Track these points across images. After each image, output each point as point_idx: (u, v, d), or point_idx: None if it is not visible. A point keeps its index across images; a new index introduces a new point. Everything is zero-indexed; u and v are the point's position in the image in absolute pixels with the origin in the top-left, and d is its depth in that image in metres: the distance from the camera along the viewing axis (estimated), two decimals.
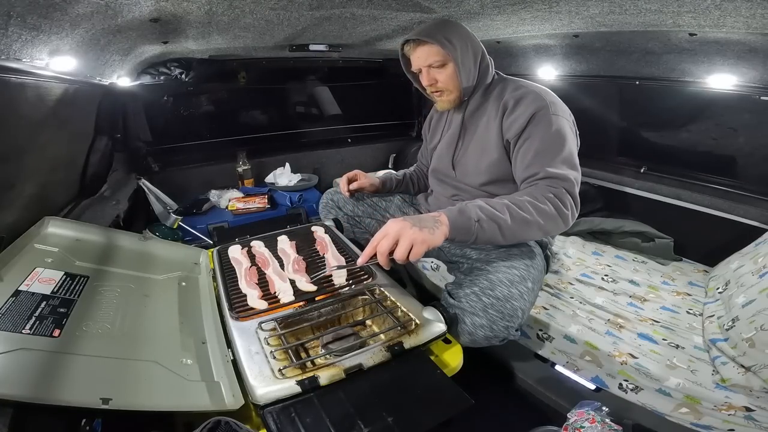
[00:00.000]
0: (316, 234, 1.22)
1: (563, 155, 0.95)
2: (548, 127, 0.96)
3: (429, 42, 1.03)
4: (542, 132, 0.97)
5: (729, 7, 0.97)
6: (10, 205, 0.95)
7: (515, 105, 1.02)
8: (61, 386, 0.57)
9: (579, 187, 0.94)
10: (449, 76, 1.07)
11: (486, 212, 0.84)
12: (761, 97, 1.37)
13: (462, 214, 0.83)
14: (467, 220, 0.83)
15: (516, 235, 0.87)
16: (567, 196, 0.90)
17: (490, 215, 0.84)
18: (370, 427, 0.63)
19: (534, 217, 0.86)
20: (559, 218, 0.89)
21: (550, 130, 0.96)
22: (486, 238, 0.85)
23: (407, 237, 0.76)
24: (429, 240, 0.78)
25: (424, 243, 0.77)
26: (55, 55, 0.95)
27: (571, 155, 0.96)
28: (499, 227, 0.84)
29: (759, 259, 1.13)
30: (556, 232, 0.94)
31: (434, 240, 0.79)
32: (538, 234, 0.89)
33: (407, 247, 0.76)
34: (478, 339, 0.89)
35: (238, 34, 1.53)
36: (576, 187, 0.93)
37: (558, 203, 0.89)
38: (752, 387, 0.86)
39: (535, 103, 0.99)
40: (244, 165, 2.19)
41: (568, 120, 1.01)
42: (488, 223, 0.84)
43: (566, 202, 0.90)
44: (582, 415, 0.84)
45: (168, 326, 0.86)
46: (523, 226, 0.86)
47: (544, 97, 1.00)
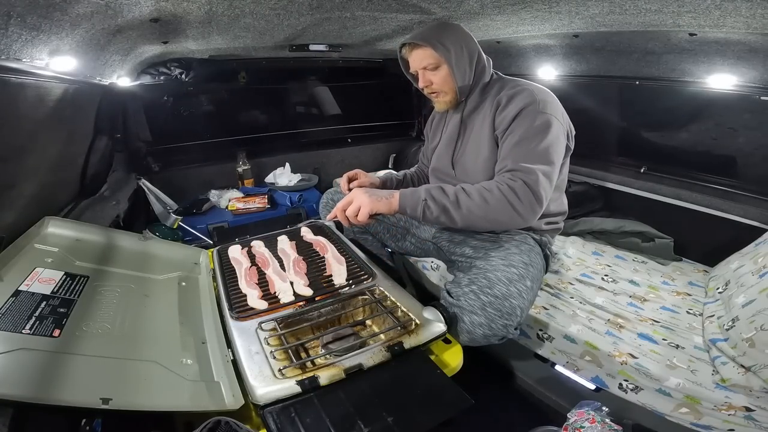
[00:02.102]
0: (306, 237, 1.21)
1: (538, 149, 0.95)
2: (531, 122, 0.97)
3: (423, 45, 1.05)
4: (524, 127, 0.98)
5: (729, 7, 0.97)
6: (10, 205, 0.95)
7: (507, 102, 1.03)
8: (61, 386, 0.57)
9: (550, 183, 0.94)
10: (443, 78, 1.08)
11: (435, 194, 0.94)
12: (761, 97, 1.37)
13: (413, 193, 0.96)
14: (417, 199, 0.95)
15: (463, 220, 0.93)
16: (524, 188, 0.90)
17: (437, 197, 0.94)
18: (370, 427, 0.63)
19: (479, 204, 0.91)
20: (510, 209, 0.90)
21: (533, 124, 0.97)
22: (434, 218, 0.94)
23: (357, 200, 0.96)
24: (373, 205, 0.95)
25: (367, 206, 0.94)
26: (55, 55, 0.95)
27: (546, 150, 0.95)
28: (444, 209, 0.93)
29: (759, 259, 1.13)
30: (510, 224, 0.94)
31: (378, 206, 0.95)
32: (485, 224, 0.94)
33: (356, 208, 0.95)
34: (477, 337, 0.89)
35: (238, 34, 1.53)
36: (540, 180, 0.91)
37: (512, 194, 0.90)
38: (752, 387, 0.86)
39: (524, 100, 1.00)
40: (244, 165, 2.19)
41: (558, 119, 1.00)
42: (434, 203, 0.93)
43: (520, 193, 0.90)
44: (582, 415, 0.84)
45: (168, 326, 0.86)
46: (468, 213, 0.92)
47: (536, 94, 1.01)
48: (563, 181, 1.16)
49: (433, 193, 0.94)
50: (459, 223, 0.94)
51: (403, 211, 0.96)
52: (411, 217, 0.99)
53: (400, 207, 0.96)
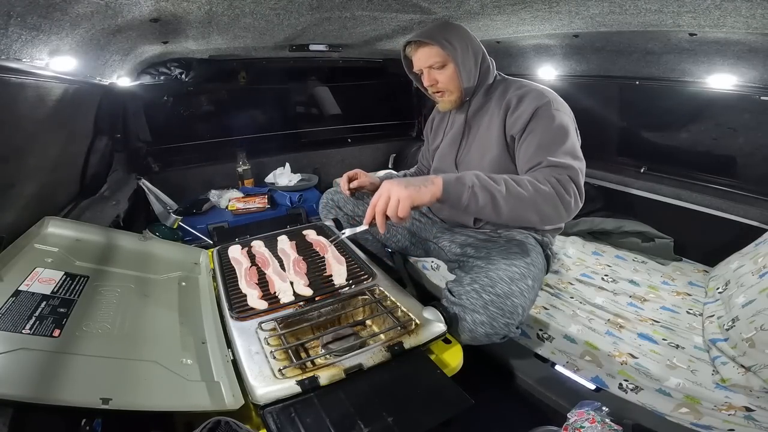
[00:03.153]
0: (309, 237, 1.22)
1: (566, 147, 0.94)
2: (550, 121, 0.97)
3: (429, 43, 1.05)
4: (544, 126, 0.97)
5: (729, 7, 0.97)
6: (10, 205, 0.95)
7: (518, 102, 1.03)
8: (61, 386, 0.57)
9: (584, 178, 0.92)
10: (449, 77, 1.08)
11: (482, 180, 0.85)
12: (761, 97, 1.37)
13: (458, 180, 0.84)
14: (461, 186, 0.84)
15: (511, 211, 0.84)
16: (570, 182, 0.88)
17: (485, 184, 0.84)
18: (370, 427, 0.63)
19: (531, 194, 0.84)
20: (559, 203, 0.86)
21: (553, 124, 0.97)
22: (478, 208, 0.84)
23: (394, 194, 0.82)
24: (413, 196, 0.81)
25: (408, 198, 0.81)
26: (55, 55, 0.95)
27: (573, 147, 0.95)
28: (492, 198, 0.83)
29: (759, 259, 1.13)
30: (556, 218, 0.89)
31: (419, 196, 0.82)
32: (534, 216, 0.86)
33: (395, 203, 0.81)
34: (479, 336, 0.89)
35: (238, 34, 1.53)
36: (580, 176, 0.91)
37: (560, 188, 0.87)
38: (752, 387, 0.86)
39: (537, 100, 1.00)
40: (244, 165, 2.19)
41: (570, 116, 1.02)
42: (482, 190, 0.83)
43: (569, 188, 0.87)
44: (582, 415, 0.84)
45: (168, 326, 0.86)
46: (518, 202, 0.84)
47: (546, 94, 1.02)
48: None
49: (481, 180, 0.85)
50: (504, 215, 0.85)
51: (446, 198, 0.84)
52: (451, 206, 0.87)
53: (443, 195, 0.84)
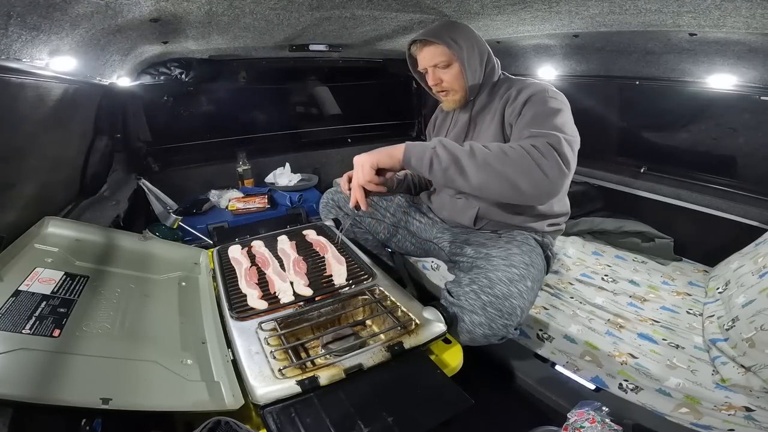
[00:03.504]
0: (309, 237, 1.22)
1: (555, 122, 0.91)
2: (542, 105, 0.97)
3: (435, 42, 1.05)
4: (535, 109, 0.97)
5: (729, 7, 0.97)
6: (10, 205, 0.95)
7: (517, 95, 1.03)
8: (61, 386, 0.57)
9: (573, 151, 0.87)
10: (454, 76, 1.08)
11: (445, 142, 0.86)
12: (761, 97, 1.37)
13: (422, 143, 0.88)
14: (423, 147, 0.86)
15: (479, 172, 0.82)
16: (549, 147, 0.83)
17: (448, 145, 0.85)
18: (370, 427, 0.63)
19: (497, 154, 0.82)
20: (532, 164, 0.81)
21: (544, 107, 0.96)
22: (442, 170, 0.84)
23: (358, 163, 0.91)
24: (373, 159, 0.89)
25: (367, 162, 0.90)
26: (55, 55, 0.95)
27: (563, 124, 0.91)
28: (455, 159, 0.83)
29: (759, 259, 1.13)
30: (533, 183, 0.82)
31: (380, 158, 0.89)
32: (503, 183, 0.82)
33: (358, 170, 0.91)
34: (477, 337, 0.89)
35: (238, 34, 1.53)
36: (564, 144, 0.84)
37: (534, 150, 0.82)
38: (752, 387, 0.86)
39: (532, 89, 1.01)
40: (244, 165, 2.19)
41: (565, 105, 1.00)
42: (444, 150, 0.84)
43: (545, 151, 0.82)
44: (582, 415, 0.84)
45: (168, 326, 0.86)
46: (484, 164, 0.82)
47: (545, 86, 1.02)
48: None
49: (444, 142, 0.86)
50: (472, 178, 0.82)
51: (408, 161, 0.88)
52: (416, 171, 0.88)
53: (404, 157, 0.88)
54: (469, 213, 1.19)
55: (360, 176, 0.90)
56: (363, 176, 0.89)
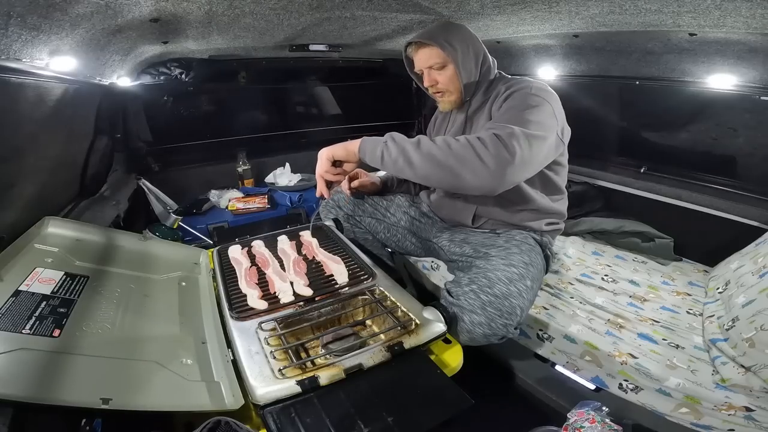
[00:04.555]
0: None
1: (521, 116, 0.90)
2: (519, 100, 0.97)
3: (430, 44, 1.05)
4: (511, 104, 0.98)
5: (729, 7, 0.97)
6: (10, 205, 0.95)
7: (503, 92, 1.04)
8: (61, 386, 0.57)
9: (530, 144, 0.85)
10: (449, 78, 1.08)
11: (396, 137, 0.92)
12: (761, 97, 1.37)
13: (376, 137, 0.94)
14: (376, 141, 0.93)
15: (422, 164, 0.86)
16: (494, 138, 0.83)
17: (398, 139, 0.91)
18: (370, 427, 0.63)
19: (440, 147, 0.86)
20: (474, 157, 0.82)
21: (521, 102, 0.96)
22: (391, 162, 0.90)
23: (319, 154, 1.01)
24: (329, 152, 0.99)
25: (323, 155, 1.00)
26: (55, 55, 0.95)
27: (530, 120, 0.89)
28: (403, 150, 0.89)
29: (759, 259, 1.13)
30: (473, 174, 0.83)
31: (334, 150, 0.99)
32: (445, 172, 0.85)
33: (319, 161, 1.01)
34: (477, 337, 0.89)
35: (238, 34, 1.53)
36: (515, 134, 0.84)
37: (478, 142, 0.84)
38: (752, 387, 0.86)
39: (518, 85, 1.01)
40: (244, 165, 2.19)
41: (552, 105, 0.97)
42: (394, 143, 0.90)
43: (488, 142, 0.83)
44: (582, 415, 0.84)
45: (168, 326, 0.86)
46: (428, 156, 0.86)
47: (532, 83, 1.01)
48: (563, 181, 1.16)
49: (394, 135, 0.93)
50: (417, 167, 0.87)
51: (363, 154, 0.95)
52: (372, 164, 0.95)
53: (360, 150, 0.95)
54: (468, 212, 1.19)
55: (318, 167, 1.01)
56: (320, 167, 1.00)
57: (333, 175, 1.01)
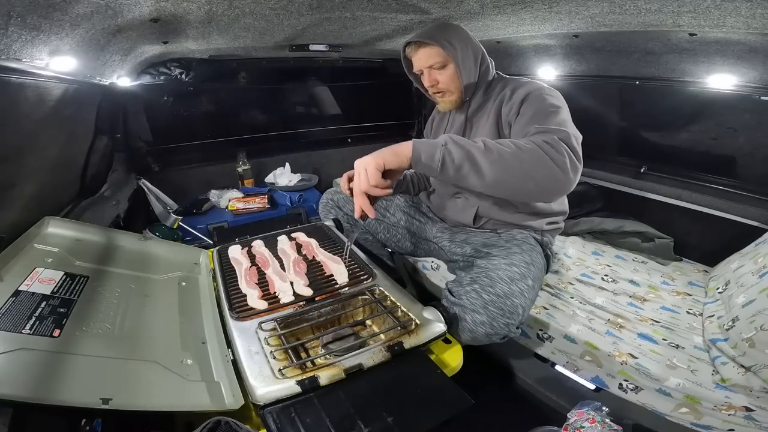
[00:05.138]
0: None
1: (557, 119, 0.91)
2: (541, 102, 0.97)
3: (430, 44, 1.05)
4: (535, 106, 0.97)
5: (729, 7, 0.97)
6: (10, 205, 0.95)
7: (512, 93, 1.04)
8: (61, 386, 0.57)
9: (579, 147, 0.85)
10: (450, 77, 1.08)
11: (456, 138, 0.81)
12: (761, 97, 1.37)
13: (430, 141, 0.81)
14: (433, 145, 0.79)
15: (494, 169, 0.78)
16: (560, 143, 0.81)
17: (459, 141, 0.80)
18: (370, 427, 0.63)
19: (513, 150, 0.78)
20: (548, 159, 0.78)
21: (544, 103, 0.97)
22: (455, 167, 0.78)
23: (362, 165, 0.80)
24: (379, 160, 0.79)
25: (372, 163, 0.79)
26: (55, 55, 0.95)
27: (565, 120, 0.91)
28: (468, 154, 0.78)
29: (759, 259, 1.13)
30: (549, 178, 0.79)
31: (386, 159, 0.79)
32: (520, 176, 0.78)
33: (362, 173, 0.79)
34: (479, 336, 0.89)
35: (238, 34, 1.53)
36: (573, 138, 0.84)
37: (547, 146, 0.80)
38: (752, 387, 0.86)
39: (529, 87, 1.02)
40: (244, 165, 2.19)
41: (563, 103, 1.00)
42: (456, 146, 0.78)
43: (558, 147, 0.80)
44: (582, 415, 0.84)
45: (168, 326, 0.86)
46: (500, 159, 0.78)
47: (540, 84, 1.03)
48: None
49: (455, 138, 0.81)
50: (487, 174, 0.78)
51: (417, 159, 0.79)
52: (425, 170, 0.81)
53: (413, 154, 0.79)
54: (469, 212, 1.19)
55: (364, 181, 0.80)
56: (369, 180, 0.79)
57: (383, 189, 0.81)
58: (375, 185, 0.80)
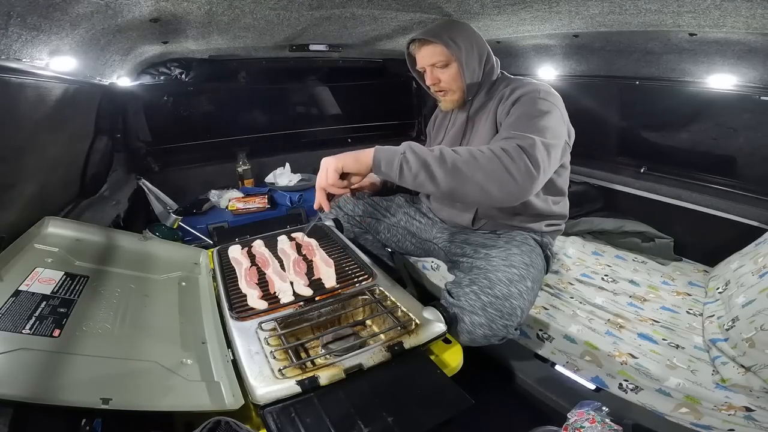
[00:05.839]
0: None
1: (537, 124, 0.89)
2: (530, 105, 0.96)
3: (434, 42, 1.04)
4: (521, 109, 0.96)
5: (729, 7, 0.97)
6: (10, 205, 0.95)
7: (509, 94, 1.03)
8: (61, 386, 0.57)
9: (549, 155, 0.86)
10: (452, 76, 1.08)
11: (416, 148, 0.84)
12: (761, 97, 1.37)
13: (391, 148, 0.85)
14: (393, 153, 0.84)
15: (447, 178, 0.80)
16: (518, 150, 0.82)
17: (417, 150, 0.83)
18: (370, 427, 0.63)
19: (466, 159, 0.80)
20: (502, 169, 0.80)
21: (532, 107, 0.95)
22: (412, 176, 0.82)
23: (324, 163, 0.87)
24: (338, 163, 0.86)
25: (332, 165, 0.86)
26: (55, 55, 0.95)
27: (545, 127, 0.89)
28: (424, 164, 0.81)
29: (759, 259, 1.13)
30: (502, 187, 0.81)
31: (345, 161, 0.86)
32: (472, 186, 0.81)
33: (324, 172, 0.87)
34: (477, 338, 0.89)
35: (238, 34, 1.53)
36: (537, 146, 0.83)
37: (503, 154, 0.81)
38: (752, 387, 0.86)
39: (526, 88, 1.00)
40: (244, 165, 2.19)
41: (560, 110, 0.98)
42: (413, 155, 0.82)
43: (514, 154, 0.81)
44: (582, 415, 0.84)
45: (168, 326, 0.86)
46: (452, 169, 0.80)
47: (539, 86, 1.01)
48: (565, 183, 1.16)
49: (413, 146, 0.84)
50: (442, 183, 0.81)
51: (377, 167, 0.85)
52: (386, 177, 0.86)
53: (374, 162, 0.85)
54: (468, 214, 1.19)
55: (323, 179, 0.87)
56: (326, 179, 0.87)
57: (339, 188, 0.89)
58: (332, 185, 0.87)
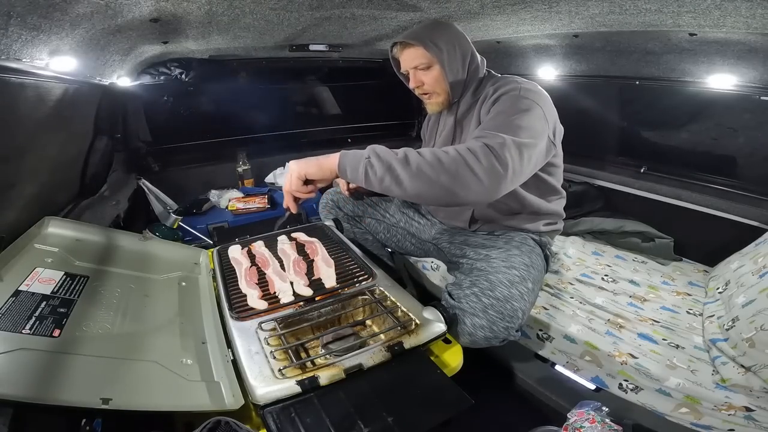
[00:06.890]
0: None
1: (511, 122, 0.87)
2: (510, 103, 0.94)
3: (414, 44, 1.03)
4: (500, 107, 0.94)
5: (729, 7, 0.97)
6: (10, 205, 0.95)
7: (492, 93, 1.00)
8: (61, 386, 0.57)
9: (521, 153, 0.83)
10: (435, 78, 1.06)
11: (380, 151, 0.84)
12: (761, 97, 1.37)
13: (356, 152, 0.87)
14: (359, 157, 0.85)
15: (411, 180, 0.80)
16: (485, 149, 0.80)
17: (382, 154, 0.83)
18: (370, 427, 0.63)
19: (430, 162, 0.79)
20: (467, 170, 0.78)
21: (512, 105, 0.93)
22: (377, 180, 0.82)
23: (289, 168, 0.91)
24: (301, 170, 0.90)
25: (294, 171, 0.90)
26: (55, 55, 0.95)
27: (519, 126, 0.86)
28: (388, 168, 0.81)
29: (759, 259, 1.13)
30: (467, 188, 0.79)
31: (309, 169, 0.90)
32: (437, 188, 0.80)
33: (288, 176, 0.92)
34: (478, 340, 0.89)
35: (238, 34, 1.53)
36: (506, 145, 0.81)
37: (469, 154, 0.79)
38: (752, 387, 0.86)
39: (507, 86, 0.98)
40: (244, 165, 2.19)
41: (542, 108, 0.93)
42: (378, 160, 0.82)
43: (480, 153, 0.79)
44: (582, 415, 0.84)
45: (168, 326, 0.86)
46: (417, 173, 0.80)
47: (522, 84, 0.98)
48: (558, 181, 1.16)
49: (378, 150, 0.84)
50: (407, 186, 0.80)
51: (343, 172, 0.86)
52: (352, 181, 0.87)
53: (339, 168, 0.86)
54: (465, 215, 1.19)
55: (287, 183, 0.93)
56: (289, 184, 0.92)
57: (303, 193, 0.94)
58: (296, 190, 0.93)
